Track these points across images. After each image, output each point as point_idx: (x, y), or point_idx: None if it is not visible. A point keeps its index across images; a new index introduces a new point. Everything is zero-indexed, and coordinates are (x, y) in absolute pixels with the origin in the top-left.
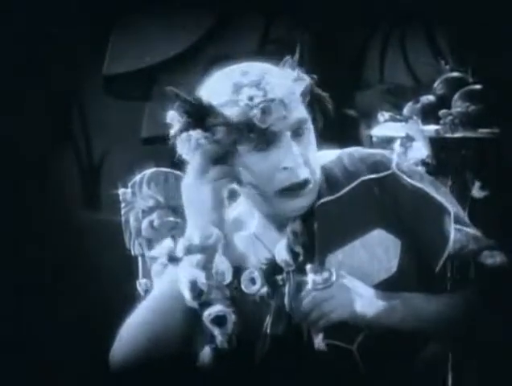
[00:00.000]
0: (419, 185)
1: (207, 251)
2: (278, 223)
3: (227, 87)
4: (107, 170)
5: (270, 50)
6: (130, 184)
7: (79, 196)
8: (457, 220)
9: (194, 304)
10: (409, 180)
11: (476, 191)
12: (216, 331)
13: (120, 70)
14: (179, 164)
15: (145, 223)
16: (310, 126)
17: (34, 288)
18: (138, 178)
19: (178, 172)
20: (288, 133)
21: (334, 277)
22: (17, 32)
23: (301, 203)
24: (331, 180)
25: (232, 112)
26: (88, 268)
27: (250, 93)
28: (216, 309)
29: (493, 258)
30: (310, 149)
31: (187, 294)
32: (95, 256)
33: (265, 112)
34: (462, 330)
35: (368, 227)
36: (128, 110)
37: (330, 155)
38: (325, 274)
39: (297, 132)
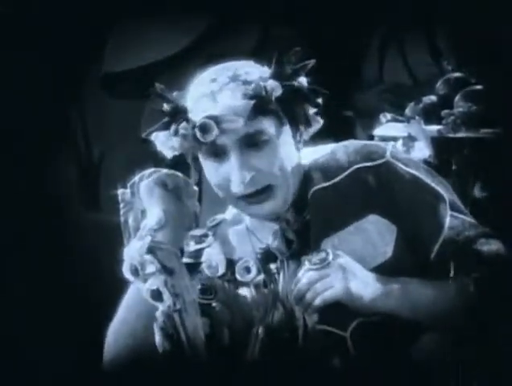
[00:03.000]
0: (414, 172)
1: (153, 234)
2: None
3: (195, 92)
4: (106, 170)
5: (269, 50)
6: (129, 184)
7: (78, 196)
8: (453, 207)
9: (141, 284)
10: (404, 167)
11: (478, 191)
12: (160, 307)
13: (119, 69)
14: (178, 164)
15: (144, 224)
16: (270, 136)
17: (33, 288)
18: (137, 178)
19: (177, 172)
20: (236, 147)
21: (331, 257)
22: (17, 32)
23: (268, 207)
24: (325, 170)
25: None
26: (88, 268)
27: (206, 105)
28: (149, 283)
29: (489, 245)
30: (274, 157)
31: (127, 274)
32: (94, 256)
33: (203, 129)
34: (458, 317)
35: (363, 212)
36: (127, 110)
37: (325, 148)
38: (322, 254)
39: (250, 143)
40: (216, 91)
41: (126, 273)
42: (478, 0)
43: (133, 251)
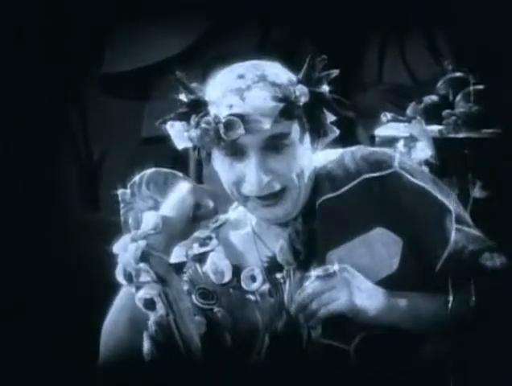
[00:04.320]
0: (420, 184)
1: (149, 237)
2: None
3: (219, 86)
4: (106, 170)
5: (270, 51)
6: (129, 184)
7: (78, 196)
8: (459, 220)
9: (132, 290)
10: (411, 178)
11: (478, 191)
12: (152, 317)
13: (119, 69)
14: (178, 164)
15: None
16: (292, 140)
17: (33, 287)
18: (137, 178)
19: (177, 172)
20: (257, 148)
21: (336, 268)
22: (16, 32)
23: (279, 211)
24: (333, 179)
25: (210, 116)
26: (87, 268)
27: (231, 101)
28: (142, 292)
29: (493, 260)
30: (293, 162)
31: (120, 278)
32: (94, 256)
33: (228, 126)
34: (461, 331)
35: (369, 224)
36: (127, 110)
37: (332, 154)
38: (328, 267)
39: (271, 146)
40: (244, 88)
41: (119, 277)
42: (478, 0)
43: (127, 255)
